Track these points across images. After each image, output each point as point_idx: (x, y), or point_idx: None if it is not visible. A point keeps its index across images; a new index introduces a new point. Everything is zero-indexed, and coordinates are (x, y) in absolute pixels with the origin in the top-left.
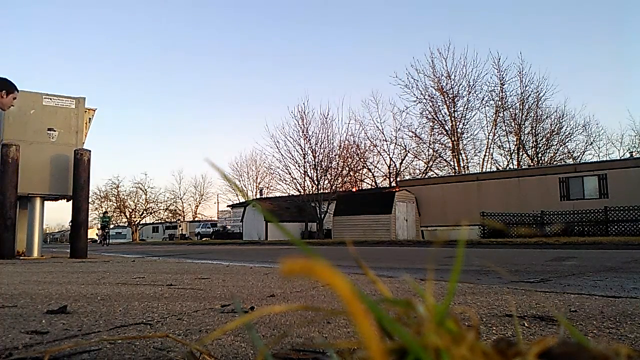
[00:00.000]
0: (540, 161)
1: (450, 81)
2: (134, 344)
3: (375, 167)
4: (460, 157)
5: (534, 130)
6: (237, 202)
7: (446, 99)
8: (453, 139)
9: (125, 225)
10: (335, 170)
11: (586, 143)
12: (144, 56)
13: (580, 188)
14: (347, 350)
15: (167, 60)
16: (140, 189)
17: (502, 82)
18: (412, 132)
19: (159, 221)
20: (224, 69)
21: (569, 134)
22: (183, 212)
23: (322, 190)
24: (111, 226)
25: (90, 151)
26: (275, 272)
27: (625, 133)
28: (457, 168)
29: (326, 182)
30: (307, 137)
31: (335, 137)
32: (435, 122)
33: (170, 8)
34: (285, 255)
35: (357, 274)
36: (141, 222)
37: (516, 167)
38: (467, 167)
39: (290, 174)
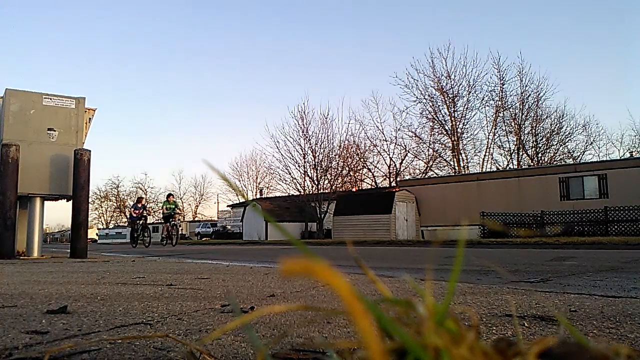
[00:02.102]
0: (540, 161)
1: (450, 81)
2: (134, 344)
3: (375, 167)
4: (460, 157)
5: (534, 130)
6: (237, 202)
7: (446, 99)
8: (453, 139)
9: (125, 225)
10: (335, 170)
11: (586, 143)
12: (144, 56)
13: (580, 188)
14: (347, 350)
15: (167, 60)
16: (140, 189)
17: (502, 82)
18: (412, 132)
19: (159, 221)
20: (224, 69)
21: (569, 134)
22: (183, 212)
23: (322, 190)
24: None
25: (90, 151)
26: (275, 272)
27: (625, 133)
28: (457, 168)
29: (326, 182)
30: (307, 137)
31: (335, 137)
32: (435, 122)
33: (171, 8)
34: (285, 255)
35: (357, 274)
36: None
37: (516, 167)
38: (467, 167)
39: (290, 174)
